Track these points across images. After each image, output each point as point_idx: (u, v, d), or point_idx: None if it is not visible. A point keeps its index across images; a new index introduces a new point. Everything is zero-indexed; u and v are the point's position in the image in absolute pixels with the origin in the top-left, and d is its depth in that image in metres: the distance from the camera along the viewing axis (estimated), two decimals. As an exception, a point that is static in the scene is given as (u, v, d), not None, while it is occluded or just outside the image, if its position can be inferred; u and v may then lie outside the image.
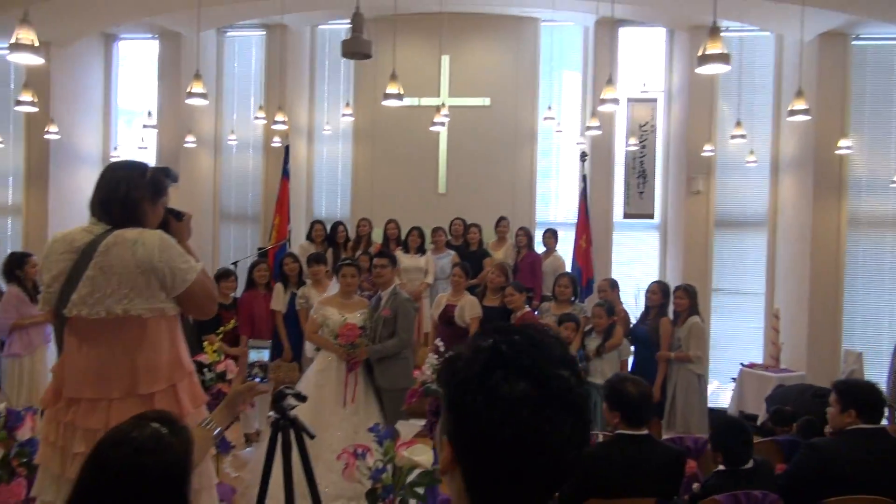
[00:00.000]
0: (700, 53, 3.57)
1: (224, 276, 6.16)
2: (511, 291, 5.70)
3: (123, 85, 9.08)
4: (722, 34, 8.12)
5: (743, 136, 7.10)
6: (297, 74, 9.43)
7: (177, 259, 2.18)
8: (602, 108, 5.47)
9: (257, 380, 1.82)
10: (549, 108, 8.46)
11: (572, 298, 5.90)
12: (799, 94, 5.08)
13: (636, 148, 8.60)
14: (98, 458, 1.24)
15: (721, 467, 3.37)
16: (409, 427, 5.15)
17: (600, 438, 3.46)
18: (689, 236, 8.13)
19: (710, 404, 7.62)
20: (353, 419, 4.93)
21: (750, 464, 3.30)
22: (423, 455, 2.41)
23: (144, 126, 7.43)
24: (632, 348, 5.74)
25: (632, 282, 8.15)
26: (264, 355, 1.90)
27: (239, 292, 6.40)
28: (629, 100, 8.89)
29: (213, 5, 7.50)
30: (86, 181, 8.68)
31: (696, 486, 3.46)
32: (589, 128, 6.57)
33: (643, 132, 8.82)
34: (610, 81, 4.84)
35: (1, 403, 3.20)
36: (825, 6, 6.33)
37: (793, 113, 5.21)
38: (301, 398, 2.54)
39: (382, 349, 4.93)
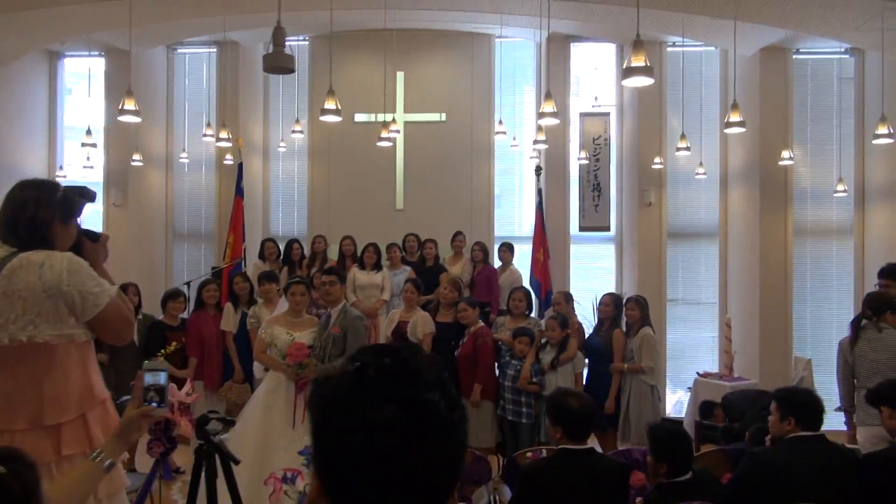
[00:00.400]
0: (624, 66, 3.59)
1: (172, 296, 6.03)
2: (464, 307, 5.68)
3: (71, 103, 8.87)
4: (669, 49, 8.32)
5: (688, 149, 7.23)
6: (250, 92, 9.33)
7: (87, 283, 2.10)
8: (542, 122, 5.52)
9: (153, 404, 1.73)
10: (500, 122, 8.50)
11: (527, 312, 5.90)
12: (734, 106, 5.19)
13: (588, 161, 8.70)
14: None
15: (662, 480, 3.37)
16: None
17: (544, 453, 3.43)
18: (643, 248, 8.23)
19: (673, 414, 7.73)
20: (305, 440, 4.83)
21: (689, 475, 3.30)
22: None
23: (83, 144, 7.24)
24: (586, 361, 5.76)
25: (589, 294, 8.20)
26: (160, 378, 1.81)
27: (189, 313, 6.27)
28: (581, 114, 9.00)
29: (158, 21, 7.39)
30: (30, 202, 8.45)
31: (638, 500, 3.45)
32: (536, 141, 6.61)
33: (596, 146, 8.92)
34: (548, 96, 4.88)
35: None
36: (758, 20, 6.49)
37: (729, 125, 5.32)
38: (227, 422, 2.46)
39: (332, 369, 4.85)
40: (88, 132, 7.21)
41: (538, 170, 8.77)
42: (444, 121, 9.43)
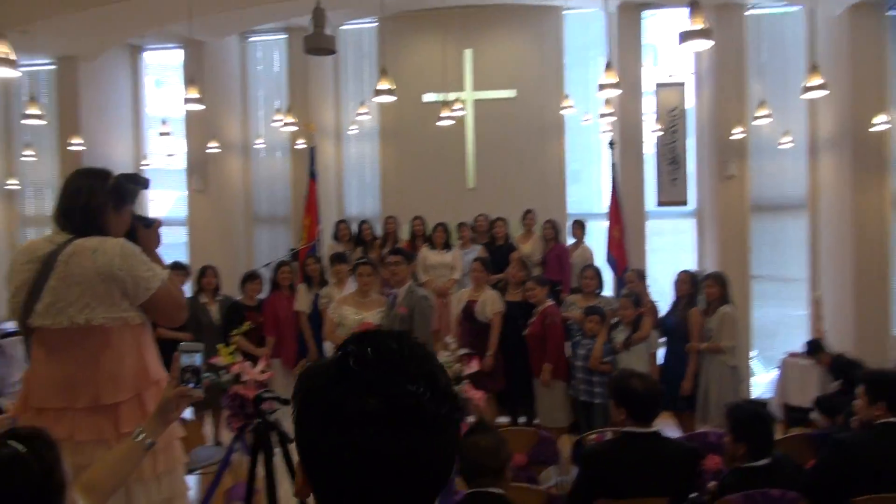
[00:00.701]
0: (681, 31, 3.38)
1: (250, 278, 6.22)
2: (532, 286, 5.59)
3: (154, 95, 9.27)
4: (748, 12, 7.83)
5: (769, 117, 6.79)
6: (320, 76, 9.45)
7: (139, 267, 2.16)
8: (603, 94, 5.30)
9: (190, 385, 1.76)
10: (567, 96, 8.24)
11: (598, 290, 5.74)
12: (813, 69, 4.81)
13: (663, 133, 8.36)
14: None
15: (738, 463, 3.21)
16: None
17: (609, 436, 3.33)
18: (724, 223, 7.85)
19: (759, 396, 7.39)
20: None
21: (768, 459, 3.13)
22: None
23: (161, 134, 7.54)
24: (661, 340, 5.57)
25: (668, 272, 7.92)
26: (196, 359, 1.86)
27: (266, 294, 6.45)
28: (657, 85, 8.65)
29: (231, 9, 7.56)
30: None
31: (712, 483, 3.30)
32: (603, 114, 6.38)
33: (672, 117, 8.56)
34: (609, 66, 4.68)
35: None
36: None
37: (809, 89, 4.94)
38: (283, 401, 2.50)
39: (400, 348, 4.89)
40: (164, 122, 7.48)
41: (612, 144, 8.50)
42: (515, 97, 9.28)
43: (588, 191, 9.79)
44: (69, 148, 7.43)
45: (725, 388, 5.19)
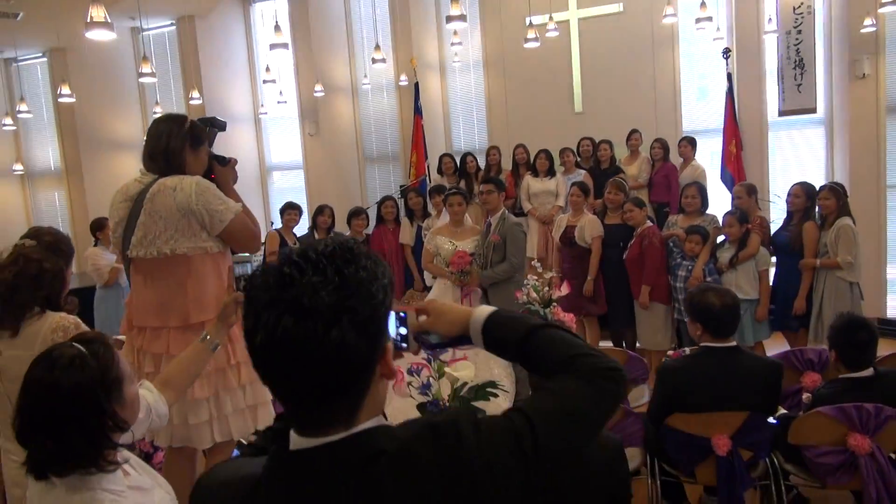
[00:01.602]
0: None
1: (355, 214, 6.54)
2: (630, 207, 5.46)
3: (263, 45, 9.70)
4: None
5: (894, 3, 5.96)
6: (422, 10, 9.43)
7: (213, 202, 2.40)
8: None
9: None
10: (703, 4, 7.55)
11: (702, 209, 5.50)
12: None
13: (789, 35, 7.64)
14: (27, 373, 1.45)
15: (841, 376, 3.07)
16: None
17: (687, 352, 3.29)
18: (855, 128, 7.14)
19: (890, 315, 6.85)
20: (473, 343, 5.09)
21: (869, 371, 2.97)
22: (464, 371, 2.46)
23: (264, 81, 7.91)
24: (773, 259, 5.28)
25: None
26: (247, 268, 2.11)
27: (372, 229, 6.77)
28: (779, -20, 7.86)
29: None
30: (239, 138, 9.53)
31: (805, 395, 3.19)
32: (699, 19, 5.92)
33: (798, 16, 7.78)
34: None
35: None
36: None
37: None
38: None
39: (493, 274, 5.00)
40: (267, 69, 7.84)
41: (726, 52, 7.92)
42: (622, 12, 8.82)
43: (709, 106, 9.20)
44: (190, 102, 8.00)
45: (842, 306, 4.85)
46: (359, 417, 0.96)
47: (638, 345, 5.67)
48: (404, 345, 1.24)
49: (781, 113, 8.03)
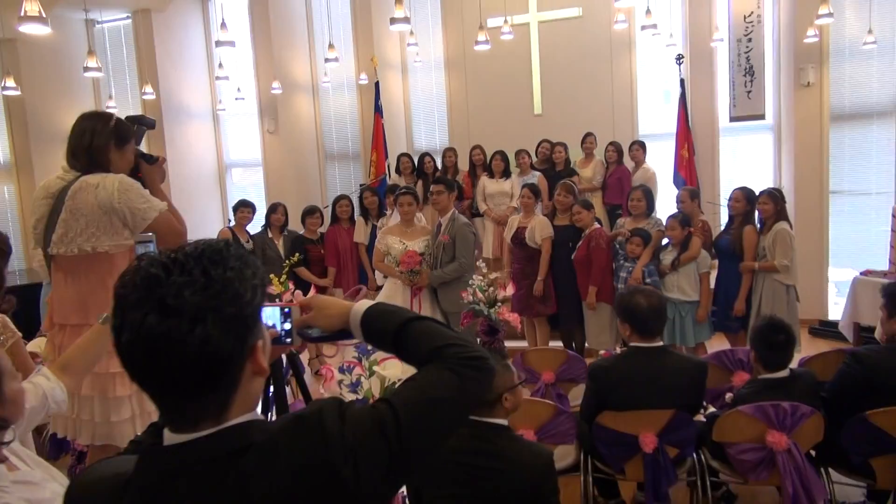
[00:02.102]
0: None
1: (309, 213, 6.52)
2: (578, 209, 5.57)
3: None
4: None
5: (830, 15, 6.11)
6: (384, 9, 9.44)
7: (135, 200, 2.41)
8: None
9: None
10: (648, 11, 7.76)
11: (648, 212, 5.63)
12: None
13: (738, 42, 7.85)
14: None
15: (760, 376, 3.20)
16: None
17: (618, 351, 3.38)
18: (800, 135, 7.36)
19: (831, 317, 7.07)
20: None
21: (785, 372, 3.10)
22: (391, 370, 2.51)
23: (217, 78, 7.86)
24: (714, 262, 5.44)
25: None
26: (150, 247, 2.16)
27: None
28: (730, -10, 8.06)
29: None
30: (196, 135, 9.43)
31: (728, 395, 3.31)
32: (644, 27, 6.07)
33: (748, 24, 7.99)
34: None
35: None
36: None
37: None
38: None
39: (442, 274, 5.06)
40: (220, 65, 7.78)
41: (679, 58, 8.11)
42: (581, 16, 8.96)
43: (665, 110, 9.39)
44: (143, 96, 7.90)
45: (779, 308, 5.02)
46: (229, 413, 0.99)
47: (587, 344, 5.78)
48: (288, 339, 1.29)
49: (732, 118, 8.24)
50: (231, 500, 0.95)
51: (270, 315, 1.28)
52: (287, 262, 5.42)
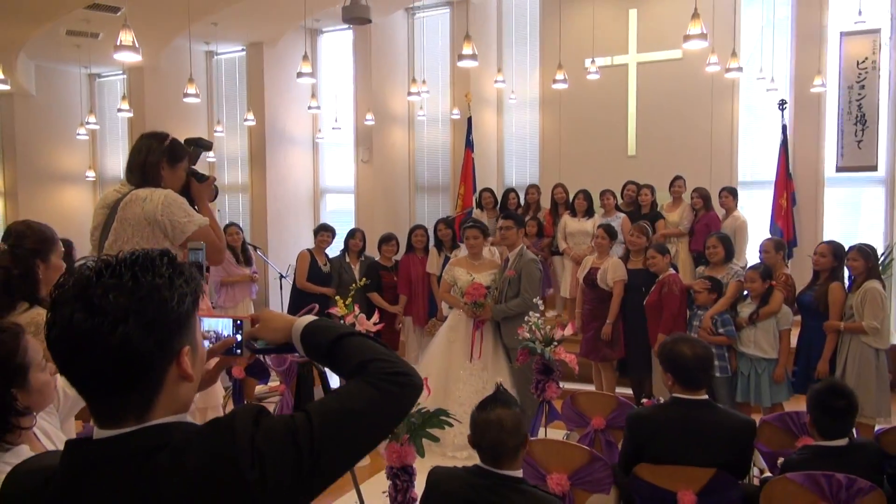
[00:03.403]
0: None
1: (386, 240, 6.69)
2: (653, 254, 5.39)
3: (327, 73, 10.15)
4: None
5: None
6: (483, 45, 9.64)
7: (177, 214, 2.58)
8: (688, 45, 4.79)
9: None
10: (735, 54, 7.55)
11: (726, 259, 5.36)
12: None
13: (851, 90, 7.43)
14: None
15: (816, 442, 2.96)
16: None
17: (661, 401, 3.23)
18: (913, 190, 6.83)
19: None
20: (483, 374, 5.13)
21: (843, 441, 2.86)
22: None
23: (308, 108, 8.26)
24: (796, 318, 5.10)
25: (850, 244, 7.07)
26: (199, 256, 2.29)
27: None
28: (842, 34, 7.67)
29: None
30: (297, 161, 9.94)
31: (780, 460, 3.08)
32: (729, 70, 5.84)
33: (861, 70, 7.55)
34: (695, 14, 4.26)
35: None
36: None
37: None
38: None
39: (506, 309, 5.04)
40: (313, 94, 8.17)
41: (782, 104, 7.75)
42: (681, 58, 8.78)
43: (766, 157, 8.98)
44: (245, 122, 8.45)
45: (866, 372, 4.63)
46: (152, 413, 1.05)
47: (654, 394, 5.55)
48: (238, 351, 1.35)
49: (839, 169, 7.77)
50: (142, 496, 1.00)
51: (224, 326, 1.35)
52: (354, 285, 5.62)
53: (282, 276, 7.82)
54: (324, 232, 6.57)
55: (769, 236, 7.57)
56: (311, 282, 6.44)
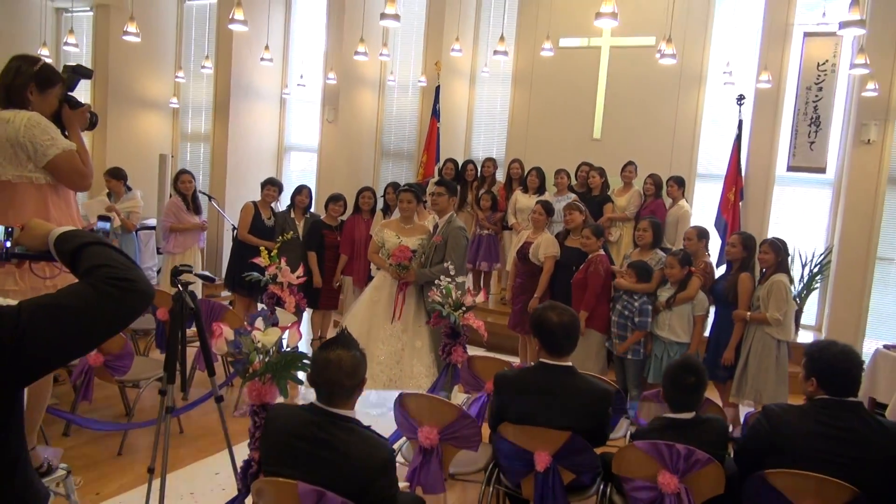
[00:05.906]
0: None
1: (334, 200, 6.74)
2: (587, 234, 5.49)
3: (300, 28, 10.07)
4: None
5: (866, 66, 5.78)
6: (460, 16, 9.61)
7: (39, 136, 2.64)
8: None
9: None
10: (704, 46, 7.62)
11: (653, 244, 5.48)
12: None
13: (808, 90, 7.51)
14: None
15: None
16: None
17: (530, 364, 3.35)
18: (852, 194, 6.95)
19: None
20: (402, 336, 5.23)
21: (690, 414, 3.00)
22: (270, 336, 2.61)
23: (262, 59, 8.24)
24: (712, 307, 5.25)
25: (793, 242, 7.22)
26: (107, 226, 2.37)
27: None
28: (805, 34, 7.72)
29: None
30: (263, 115, 9.92)
31: (632, 428, 3.23)
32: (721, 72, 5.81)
33: (821, 72, 7.62)
34: None
35: None
36: None
37: None
38: (207, 278, 2.88)
39: (429, 273, 5.13)
40: (266, 47, 8.13)
41: (740, 98, 7.82)
42: (654, 45, 8.80)
43: (725, 150, 9.08)
44: (202, 70, 8.39)
45: (768, 362, 4.80)
46: None
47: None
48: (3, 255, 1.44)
49: (790, 168, 7.88)
50: None
51: None
52: (283, 236, 5.70)
53: (234, 228, 7.87)
54: (270, 186, 6.63)
55: (715, 229, 7.74)
56: (253, 234, 6.51)
